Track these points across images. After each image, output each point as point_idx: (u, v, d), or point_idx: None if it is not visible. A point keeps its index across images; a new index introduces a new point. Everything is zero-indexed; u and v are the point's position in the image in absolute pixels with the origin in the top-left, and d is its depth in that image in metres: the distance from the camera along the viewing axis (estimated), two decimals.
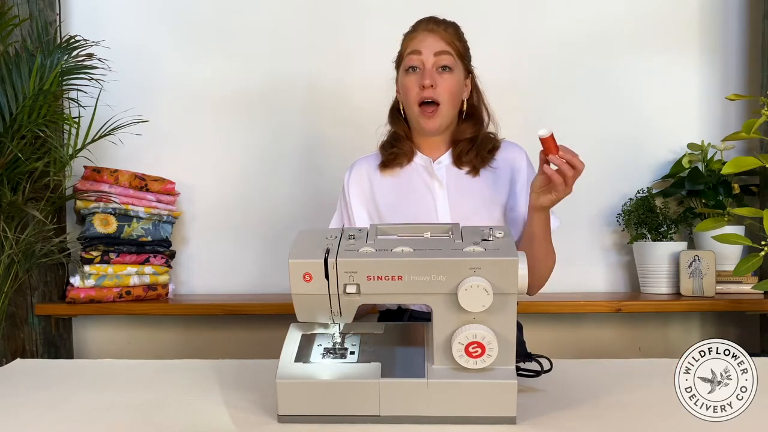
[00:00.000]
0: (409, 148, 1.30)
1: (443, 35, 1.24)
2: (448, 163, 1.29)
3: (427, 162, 1.29)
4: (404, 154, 1.30)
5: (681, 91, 2.10)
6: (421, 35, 1.24)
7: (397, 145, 1.30)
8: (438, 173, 1.28)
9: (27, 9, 1.91)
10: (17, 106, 1.66)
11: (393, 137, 1.33)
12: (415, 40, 1.24)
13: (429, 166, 1.29)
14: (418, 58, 1.22)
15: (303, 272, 0.72)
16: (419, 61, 1.22)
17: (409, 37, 1.27)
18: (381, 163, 1.32)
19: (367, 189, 1.31)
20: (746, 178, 2.02)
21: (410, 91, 1.23)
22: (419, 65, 1.23)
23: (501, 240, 0.74)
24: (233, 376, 0.95)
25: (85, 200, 1.89)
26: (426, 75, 1.21)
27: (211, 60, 2.12)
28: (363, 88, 2.08)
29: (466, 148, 1.28)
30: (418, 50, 1.22)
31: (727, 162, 1.45)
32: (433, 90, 1.21)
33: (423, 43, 1.23)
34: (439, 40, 1.23)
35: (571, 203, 2.07)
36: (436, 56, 1.22)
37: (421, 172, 1.29)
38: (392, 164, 1.30)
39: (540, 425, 0.71)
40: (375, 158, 1.35)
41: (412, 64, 1.23)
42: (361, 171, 1.34)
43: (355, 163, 1.37)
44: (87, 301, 1.87)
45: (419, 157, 1.31)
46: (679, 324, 2.11)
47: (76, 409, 0.80)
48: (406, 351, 0.77)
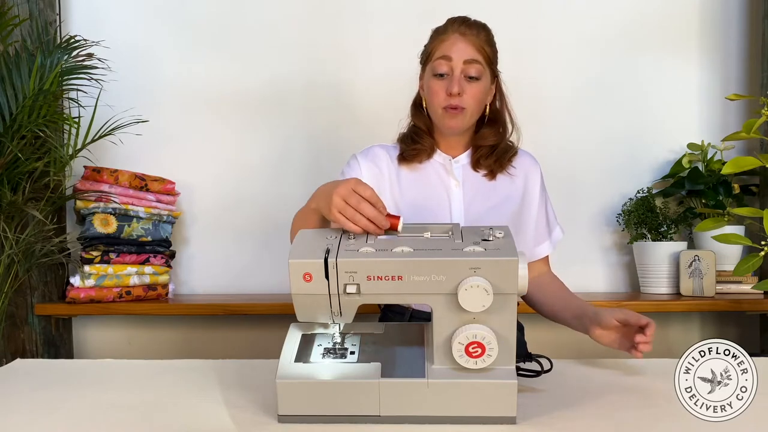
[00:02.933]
0: (429, 144, 1.29)
1: (474, 41, 1.22)
2: (465, 163, 1.29)
3: (446, 160, 1.29)
4: (425, 150, 1.29)
5: (681, 91, 2.10)
6: (453, 38, 1.22)
7: (419, 141, 1.29)
8: (455, 171, 1.28)
9: (27, 9, 1.91)
10: (17, 106, 1.66)
11: (414, 131, 1.32)
12: (446, 43, 1.23)
13: (448, 164, 1.28)
14: (448, 64, 1.21)
15: (303, 272, 0.72)
16: (448, 67, 1.21)
17: (439, 38, 1.25)
18: (401, 156, 1.30)
19: (384, 177, 1.29)
20: (746, 178, 2.03)
21: (436, 95, 1.22)
22: (448, 71, 1.22)
23: (501, 240, 0.74)
24: (233, 376, 0.95)
25: (85, 200, 1.89)
26: (454, 83, 1.20)
27: (212, 60, 2.12)
28: (364, 88, 2.08)
29: (486, 153, 1.27)
30: (448, 56, 1.21)
31: (727, 162, 1.45)
32: (460, 98, 1.20)
33: (453, 47, 1.21)
34: (469, 45, 1.22)
35: (571, 203, 2.09)
36: (465, 64, 1.21)
37: (438, 170, 1.29)
38: (413, 159, 1.29)
39: (540, 425, 0.71)
40: (394, 149, 1.33)
41: (442, 71, 1.22)
42: (379, 158, 1.30)
43: (373, 147, 1.33)
44: (87, 301, 1.87)
45: (438, 154, 1.30)
46: (679, 324, 2.11)
47: (76, 409, 0.80)
48: (406, 351, 0.77)
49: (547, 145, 2.00)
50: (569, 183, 2.07)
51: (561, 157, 2.07)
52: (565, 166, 2.07)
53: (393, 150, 1.33)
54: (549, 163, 1.37)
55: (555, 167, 2.01)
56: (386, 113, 1.38)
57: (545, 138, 2.05)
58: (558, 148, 2.08)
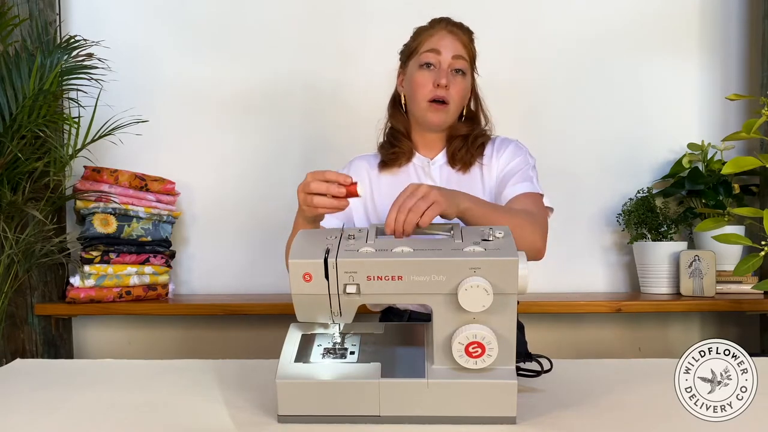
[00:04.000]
0: (408, 147, 1.31)
1: (461, 38, 1.25)
2: (442, 162, 1.31)
3: (425, 162, 1.31)
4: (404, 153, 1.31)
5: (681, 91, 2.10)
6: (441, 34, 1.24)
7: (397, 145, 1.31)
8: (433, 173, 1.29)
9: (27, 9, 1.91)
10: (17, 106, 1.66)
11: (392, 135, 1.34)
12: (434, 37, 1.24)
13: (426, 166, 1.30)
14: (436, 57, 1.23)
15: (303, 272, 0.72)
16: (436, 60, 1.23)
17: (426, 33, 1.27)
18: (381, 162, 1.32)
19: (366, 187, 1.32)
20: (746, 178, 2.03)
21: (422, 87, 1.23)
22: (436, 64, 1.23)
23: (501, 240, 0.74)
24: (233, 376, 0.94)
25: (85, 200, 1.89)
26: (442, 74, 1.21)
27: (211, 60, 2.12)
28: (363, 89, 2.08)
29: (459, 145, 1.29)
30: (437, 49, 1.23)
31: (727, 162, 1.45)
32: (446, 91, 1.22)
33: (442, 42, 1.23)
34: (457, 42, 1.24)
35: (571, 203, 2.09)
36: (453, 59, 1.23)
37: (418, 172, 1.31)
38: (392, 164, 1.31)
39: (540, 425, 0.71)
40: (374, 158, 1.36)
41: (429, 61, 1.23)
42: (360, 168, 1.34)
43: (354, 159, 1.37)
44: (87, 301, 1.87)
45: (417, 157, 1.32)
46: (679, 324, 2.11)
47: (76, 409, 0.80)
48: (406, 351, 0.77)
49: (547, 145, 2.00)
50: (569, 183, 2.07)
51: (561, 157, 2.07)
52: (565, 166, 2.07)
53: (373, 159, 1.35)
54: (549, 163, 1.38)
55: (555, 167, 2.01)
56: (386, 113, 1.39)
57: (545, 138, 2.05)
58: (558, 148, 2.08)
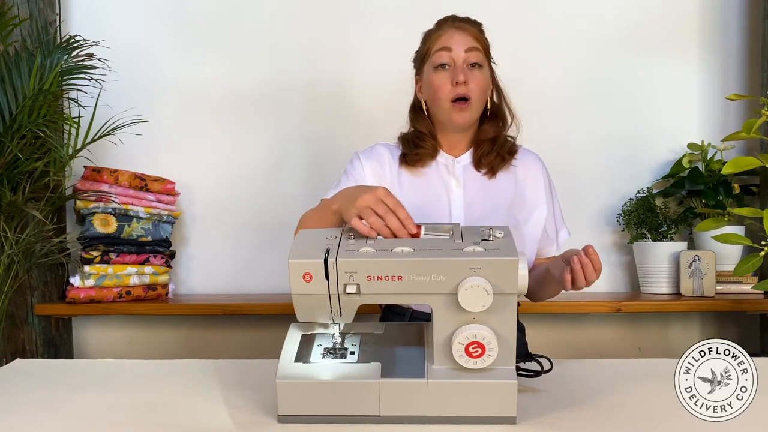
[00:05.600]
0: (432, 146, 1.28)
1: (471, 31, 1.23)
2: (467, 163, 1.29)
3: (449, 161, 1.28)
4: (429, 153, 1.28)
5: (681, 91, 2.10)
6: (449, 32, 1.23)
7: (422, 145, 1.28)
8: (457, 172, 1.27)
9: (27, 9, 1.91)
10: (17, 106, 1.66)
11: (416, 135, 1.30)
12: (444, 36, 1.23)
13: (450, 164, 1.28)
14: (449, 54, 1.21)
15: (303, 272, 0.72)
16: (449, 58, 1.21)
17: (435, 34, 1.25)
18: (403, 157, 1.28)
19: (386, 177, 1.28)
20: (746, 178, 2.02)
21: (441, 88, 1.21)
22: (449, 62, 1.21)
23: (501, 240, 0.74)
24: (233, 376, 0.94)
25: (85, 200, 1.89)
26: (459, 71, 1.19)
27: (211, 60, 2.12)
28: (364, 88, 2.08)
29: (487, 149, 1.27)
30: (448, 47, 1.21)
31: (727, 162, 1.45)
32: (466, 86, 1.19)
33: (452, 39, 1.21)
34: (467, 36, 1.22)
35: (572, 203, 2.08)
36: (466, 53, 1.20)
37: (440, 170, 1.28)
38: (416, 164, 1.28)
39: (540, 425, 0.71)
40: (396, 149, 1.32)
41: (443, 62, 1.21)
42: (382, 157, 1.29)
43: (376, 146, 1.32)
44: (87, 301, 1.87)
45: (441, 155, 1.29)
46: (679, 324, 2.11)
47: (76, 409, 0.80)
48: (406, 351, 0.77)
49: (547, 145, 1.98)
50: (569, 183, 2.07)
51: (561, 156, 2.06)
52: (565, 165, 2.07)
53: (396, 149, 1.32)
54: (549, 162, 1.37)
55: (555, 167, 1.98)
56: (386, 113, 1.38)
57: (545, 138, 2.04)
58: (558, 148, 2.07)
